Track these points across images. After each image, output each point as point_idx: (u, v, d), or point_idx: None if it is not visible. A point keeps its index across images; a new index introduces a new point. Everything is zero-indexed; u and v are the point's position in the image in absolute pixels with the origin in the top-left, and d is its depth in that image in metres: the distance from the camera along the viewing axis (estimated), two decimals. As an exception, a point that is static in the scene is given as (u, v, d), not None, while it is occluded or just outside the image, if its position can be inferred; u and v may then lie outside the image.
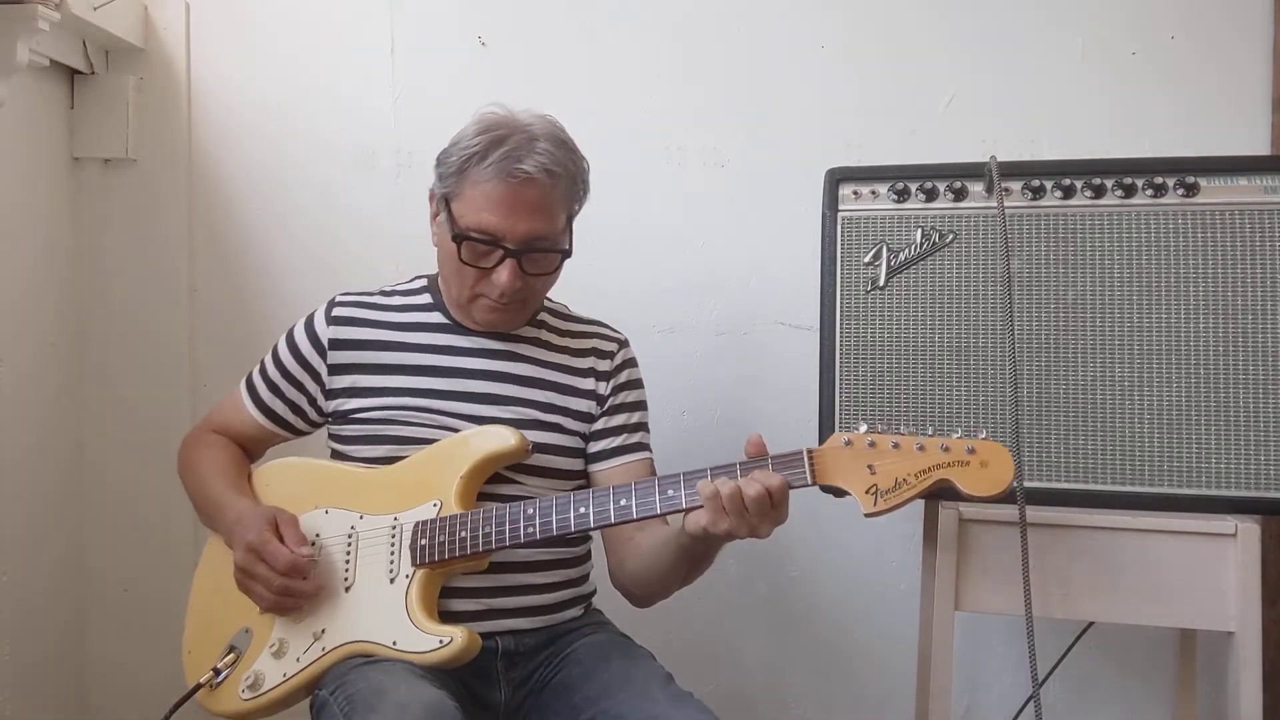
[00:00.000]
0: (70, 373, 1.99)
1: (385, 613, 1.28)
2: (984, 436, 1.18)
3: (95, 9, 1.81)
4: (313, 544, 1.34)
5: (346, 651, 1.28)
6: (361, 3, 1.99)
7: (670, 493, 1.23)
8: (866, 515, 1.19)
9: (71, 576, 2.00)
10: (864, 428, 1.21)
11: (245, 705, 1.30)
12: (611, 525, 1.27)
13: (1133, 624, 1.51)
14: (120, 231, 2.01)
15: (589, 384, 1.45)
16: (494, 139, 1.32)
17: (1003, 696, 1.88)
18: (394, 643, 1.26)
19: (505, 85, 1.96)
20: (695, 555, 1.29)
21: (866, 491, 1.18)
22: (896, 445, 1.19)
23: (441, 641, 1.24)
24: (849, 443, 1.20)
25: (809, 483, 1.21)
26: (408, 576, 1.29)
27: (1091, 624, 1.64)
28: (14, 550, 1.83)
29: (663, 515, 1.25)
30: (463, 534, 1.28)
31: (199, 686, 1.32)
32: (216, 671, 1.32)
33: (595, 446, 1.45)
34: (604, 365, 1.47)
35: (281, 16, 2.00)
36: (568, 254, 1.39)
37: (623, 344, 1.51)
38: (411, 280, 1.52)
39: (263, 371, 1.48)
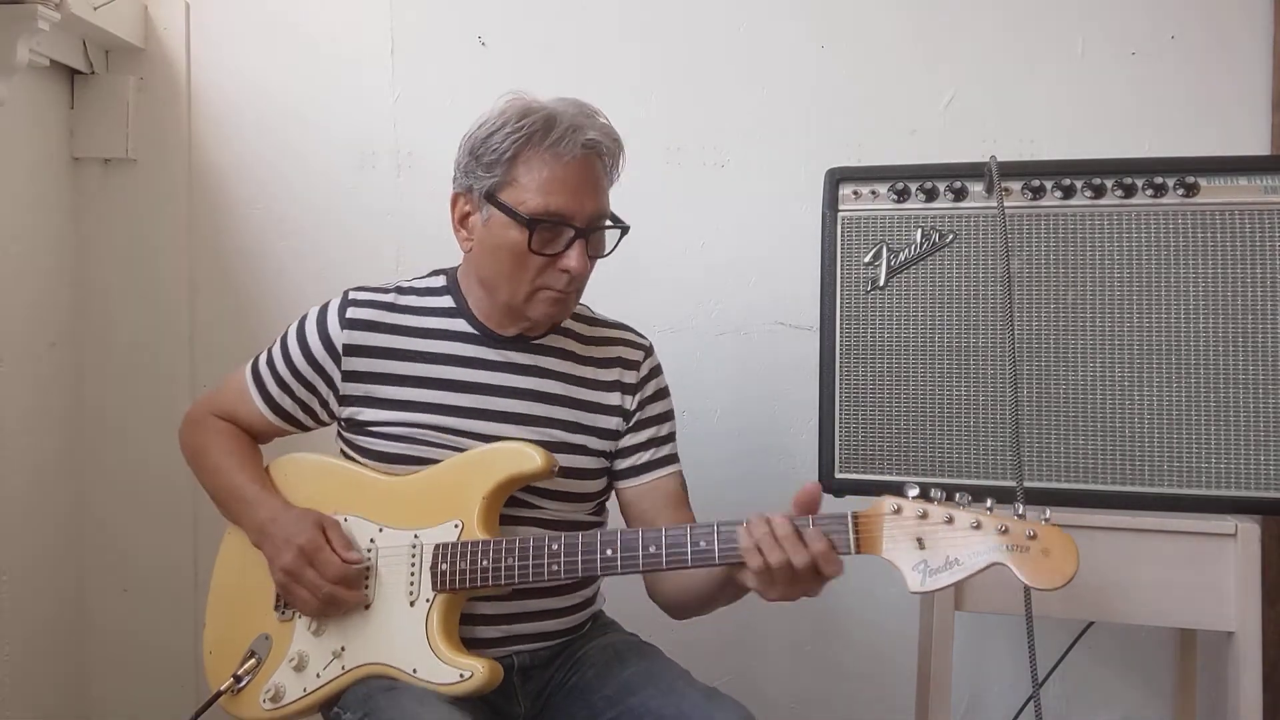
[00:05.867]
0: (70, 372, 1.99)
1: (406, 637, 1.25)
2: (1047, 518, 1.07)
3: (95, 9, 1.81)
4: (367, 551, 1.30)
5: (366, 672, 1.26)
6: (362, 3, 1.99)
7: (703, 545, 1.17)
8: (913, 592, 1.09)
9: (72, 576, 2.00)
10: (914, 492, 1.11)
11: (267, 715, 1.29)
12: (638, 571, 1.23)
13: (1133, 624, 1.52)
14: (120, 231, 2.01)
15: (614, 399, 1.39)
16: (546, 118, 1.27)
17: (1003, 696, 1.88)
18: (414, 670, 1.23)
19: (505, 85, 1.93)
20: (741, 595, 1.24)
21: (914, 568, 1.08)
22: (950, 520, 1.08)
23: (463, 675, 1.21)
24: (898, 509, 1.11)
25: (851, 552, 1.12)
26: (428, 601, 1.25)
27: (1091, 624, 1.64)
28: (14, 550, 1.83)
29: (693, 567, 1.19)
30: (484, 563, 1.24)
31: (220, 694, 1.32)
32: (238, 679, 1.31)
33: (623, 463, 1.40)
34: (630, 377, 1.41)
35: (281, 16, 2.00)
36: (627, 229, 1.34)
37: (648, 351, 1.46)
38: (429, 276, 1.44)
39: (271, 364, 1.41)
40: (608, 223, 1.32)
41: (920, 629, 1.67)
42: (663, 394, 1.46)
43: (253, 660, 1.32)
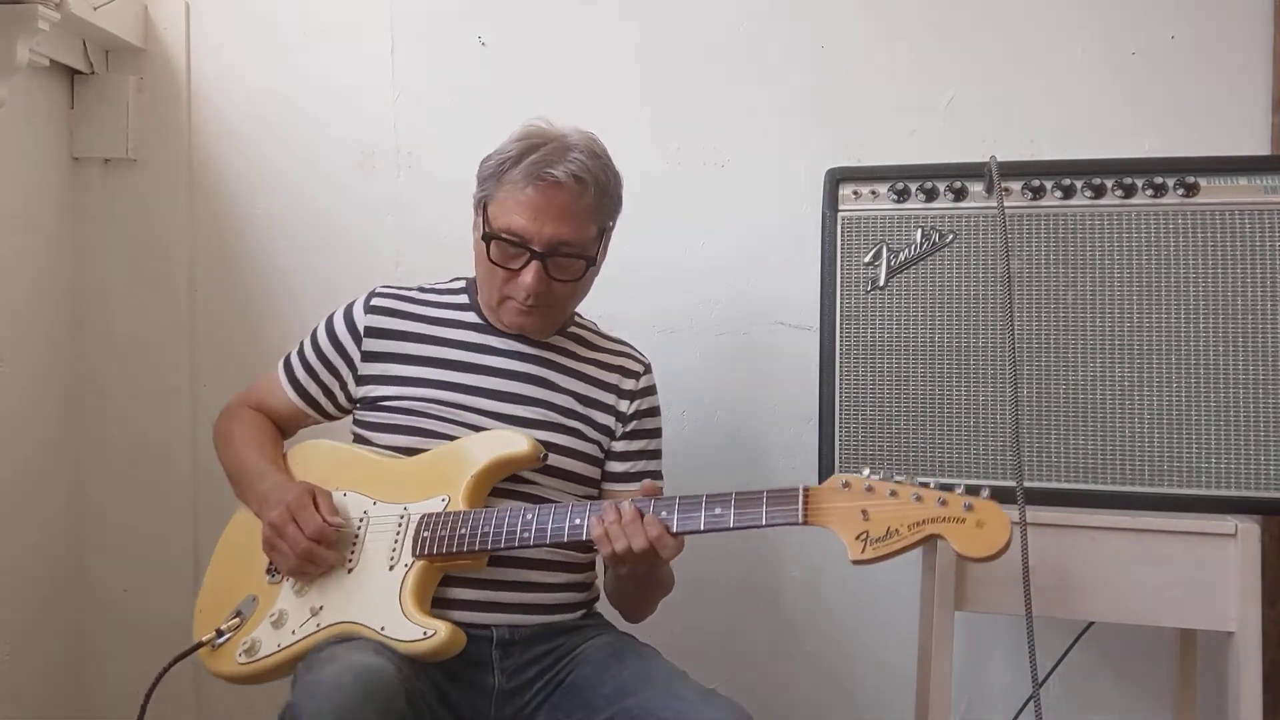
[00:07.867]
0: (70, 373, 1.99)
1: (380, 598, 1.31)
2: (986, 495, 1.16)
3: (95, 9, 1.82)
4: (358, 522, 1.39)
5: (338, 631, 1.32)
6: (362, 3, 1.99)
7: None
8: (853, 562, 1.17)
9: (71, 577, 2.00)
10: (866, 471, 1.21)
11: (240, 669, 1.35)
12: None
13: (1133, 624, 1.51)
14: (120, 231, 2.01)
15: (610, 398, 1.49)
16: (529, 145, 1.38)
17: (1003, 696, 1.88)
18: (382, 628, 1.29)
19: (505, 85, 1.96)
20: (637, 575, 1.33)
21: (857, 537, 1.17)
22: (894, 493, 1.18)
23: (425, 633, 1.27)
24: (847, 485, 1.20)
25: (799, 521, 1.21)
26: (406, 566, 1.33)
27: (1091, 624, 1.64)
28: (14, 551, 1.83)
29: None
30: (462, 531, 1.32)
31: (201, 644, 1.37)
32: (219, 632, 1.37)
33: (615, 466, 1.49)
34: (629, 384, 1.50)
35: (281, 16, 2.00)
36: (592, 262, 1.42)
37: (648, 368, 1.55)
38: (451, 281, 1.57)
39: (301, 354, 1.54)
40: (566, 250, 1.39)
41: (920, 629, 1.67)
42: (657, 412, 1.55)
43: (236, 619, 1.38)
